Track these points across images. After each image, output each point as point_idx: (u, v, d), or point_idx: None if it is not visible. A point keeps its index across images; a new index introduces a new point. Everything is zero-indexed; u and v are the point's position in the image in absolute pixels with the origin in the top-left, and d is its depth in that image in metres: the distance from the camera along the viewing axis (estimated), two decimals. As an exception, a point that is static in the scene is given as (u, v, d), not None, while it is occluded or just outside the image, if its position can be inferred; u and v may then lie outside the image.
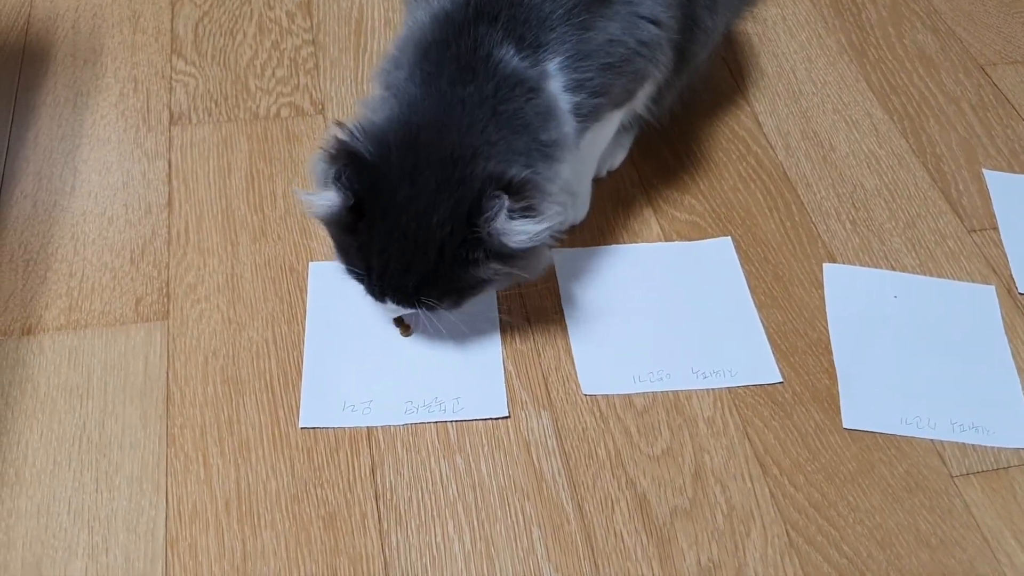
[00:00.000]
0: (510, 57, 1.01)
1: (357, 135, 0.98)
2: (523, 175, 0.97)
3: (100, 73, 1.41)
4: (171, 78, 1.42)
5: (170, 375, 1.09)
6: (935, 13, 1.60)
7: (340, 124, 0.99)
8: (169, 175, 1.29)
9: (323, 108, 1.39)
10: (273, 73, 1.44)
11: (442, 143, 0.97)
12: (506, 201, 0.94)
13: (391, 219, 0.98)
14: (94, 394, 1.07)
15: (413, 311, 1.06)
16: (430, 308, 1.02)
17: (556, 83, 1.03)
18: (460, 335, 1.14)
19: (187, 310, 1.15)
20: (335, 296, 1.16)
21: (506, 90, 1.00)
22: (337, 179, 0.96)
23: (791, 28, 1.57)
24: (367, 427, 1.06)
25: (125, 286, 1.17)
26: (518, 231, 0.95)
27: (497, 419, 1.07)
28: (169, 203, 1.26)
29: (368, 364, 1.11)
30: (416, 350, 1.13)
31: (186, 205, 1.25)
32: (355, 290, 1.10)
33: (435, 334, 1.13)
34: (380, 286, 1.02)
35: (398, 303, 1.03)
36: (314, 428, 1.05)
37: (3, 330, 1.12)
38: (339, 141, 0.97)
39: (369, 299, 1.06)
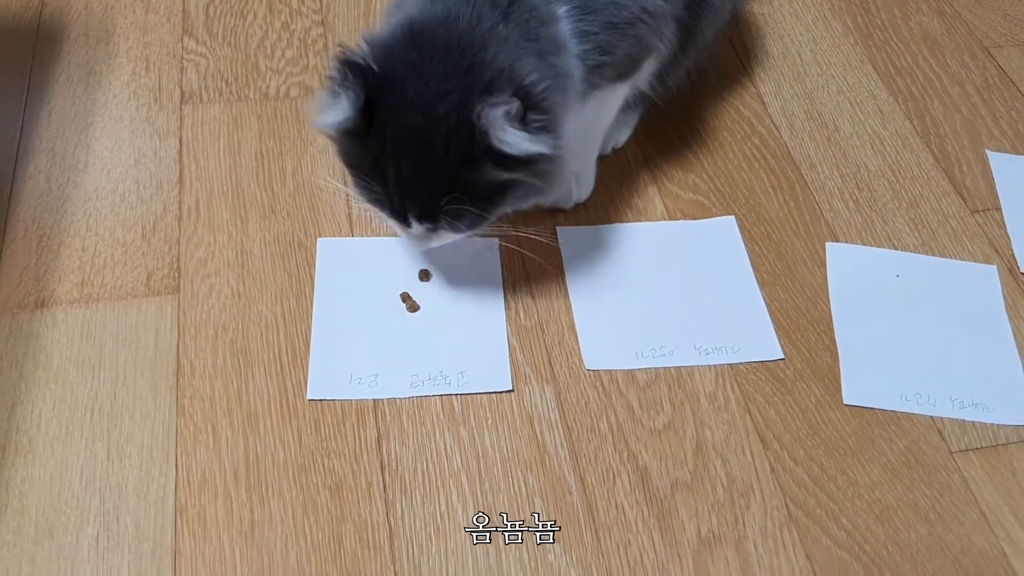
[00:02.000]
0: None
1: (359, 49, 0.98)
2: (543, 86, 0.96)
3: (113, 52, 1.43)
4: (182, 58, 1.44)
5: (180, 348, 1.11)
6: (941, -5, 1.61)
7: (341, 45, 0.98)
8: (180, 153, 1.31)
9: (332, 88, 1.40)
10: (283, 53, 1.45)
11: (449, 35, 0.97)
12: (515, 106, 0.92)
13: (400, 117, 0.96)
14: (106, 366, 1.09)
15: (437, 232, 1.04)
16: (453, 221, 1.00)
17: (565, 26, 1.04)
18: (465, 310, 1.15)
19: (197, 285, 1.16)
20: (343, 272, 1.18)
21: (521, 11, 1.00)
22: (344, 85, 0.95)
23: (797, 9, 1.58)
24: (373, 399, 1.07)
25: (137, 261, 1.19)
26: (511, 136, 0.94)
27: (501, 392, 1.09)
28: (180, 180, 1.27)
29: (375, 338, 1.13)
30: (422, 325, 1.14)
31: (197, 182, 1.27)
32: (363, 265, 1.12)
33: (441, 309, 1.15)
34: (399, 197, 1.00)
35: (419, 217, 1.01)
36: (321, 400, 1.07)
37: (17, 303, 1.14)
38: (341, 60, 0.96)
39: (391, 224, 1.06)
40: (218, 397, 1.07)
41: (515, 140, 0.94)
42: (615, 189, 1.30)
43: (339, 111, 0.97)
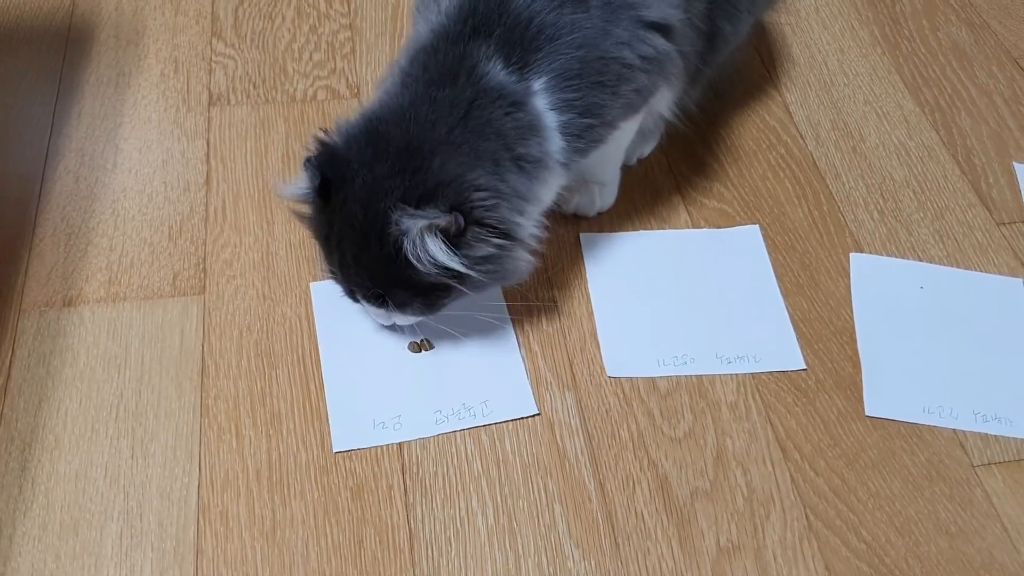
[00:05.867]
0: (496, 71, 1.01)
1: (331, 133, 1.01)
2: (491, 203, 0.97)
3: (142, 54, 1.45)
4: (211, 60, 1.45)
5: (205, 348, 1.12)
6: (970, 6, 1.60)
7: (323, 130, 1.02)
8: (208, 154, 1.32)
9: (359, 92, 1.41)
10: (310, 57, 1.46)
11: (402, 134, 0.98)
12: (443, 220, 0.93)
13: (347, 208, 0.99)
14: (131, 365, 1.10)
15: (389, 314, 1.05)
16: (400, 309, 1.03)
17: (542, 100, 1.02)
18: (474, 337, 1.13)
19: (223, 285, 1.18)
20: (343, 313, 1.14)
21: (485, 100, 1.00)
22: (307, 163, 0.99)
23: (824, 19, 1.58)
24: (400, 442, 1.05)
25: (163, 261, 1.20)
26: (429, 247, 0.94)
27: (527, 418, 1.08)
28: (207, 182, 1.29)
29: (390, 378, 1.10)
30: (435, 358, 1.12)
31: (224, 184, 1.28)
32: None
33: (450, 340, 1.13)
34: (344, 278, 1.03)
35: (365, 299, 1.03)
36: (348, 451, 1.04)
37: (45, 301, 1.15)
38: (315, 140, 1.01)
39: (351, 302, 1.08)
40: (242, 397, 1.08)
41: (432, 252, 0.94)
42: (639, 197, 1.30)
43: (299, 184, 1.01)
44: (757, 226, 1.27)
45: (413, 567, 0.97)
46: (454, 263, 0.95)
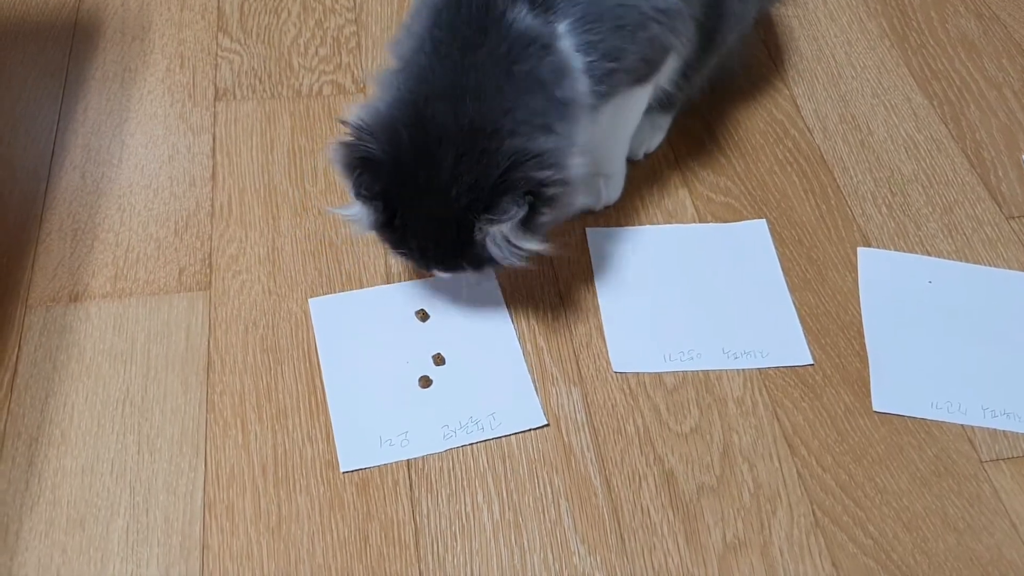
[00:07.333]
0: (523, 15, 1.01)
1: (364, 132, 0.99)
2: (556, 177, 0.98)
3: (148, 49, 1.45)
4: (217, 55, 1.45)
5: (211, 343, 1.12)
6: (980, -2, 1.59)
7: (345, 122, 1.00)
8: (213, 149, 1.32)
9: (364, 86, 1.41)
10: (316, 51, 1.46)
11: (457, 113, 0.98)
12: (521, 214, 0.96)
13: (416, 201, 1.00)
14: (138, 360, 1.10)
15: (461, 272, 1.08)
16: (476, 268, 1.05)
17: (567, 42, 1.03)
18: (478, 348, 1.12)
19: (228, 281, 1.17)
20: (344, 330, 1.14)
21: (519, 49, 1.00)
22: (359, 192, 0.98)
23: (832, 11, 1.57)
24: (408, 460, 1.04)
25: (169, 256, 1.20)
26: (512, 241, 0.99)
27: (536, 429, 1.07)
28: (213, 177, 1.29)
29: (394, 394, 1.09)
30: (440, 372, 1.11)
31: (229, 179, 1.28)
32: (362, 318, 1.12)
33: (453, 352, 1.12)
34: (424, 260, 1.06)
35: (445, 271, 1.07)
36: (356, 471, 1.03)
37: (52, 297, 1.15)
38: (348, 147, 0.99)
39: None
40: (247, 393, 1.08)
41: (516, 242, 0.99)
42: (645, 191, 1.29)
43: (364, 219, 1.02)
44: (764, 220, 1.26)
45: (419, 562, 0.97)
46: (534, 245, 1.00)
